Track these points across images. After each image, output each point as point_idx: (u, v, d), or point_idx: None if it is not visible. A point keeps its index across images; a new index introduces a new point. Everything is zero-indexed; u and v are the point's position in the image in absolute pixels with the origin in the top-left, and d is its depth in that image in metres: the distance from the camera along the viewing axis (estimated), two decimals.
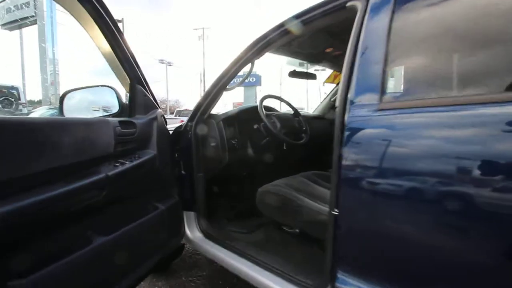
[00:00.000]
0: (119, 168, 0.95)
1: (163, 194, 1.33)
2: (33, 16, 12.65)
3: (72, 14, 1.03)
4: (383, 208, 0.73)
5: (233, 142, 1.56)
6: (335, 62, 1.93)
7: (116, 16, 1.72)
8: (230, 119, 1.60)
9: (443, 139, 0.64)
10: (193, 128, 1.46)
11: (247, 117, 1.69)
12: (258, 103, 1.58)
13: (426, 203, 0.64)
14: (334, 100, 2.41)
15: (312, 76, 1.96)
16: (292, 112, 1.84)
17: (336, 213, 0.81)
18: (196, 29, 24.32)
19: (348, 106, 0.83)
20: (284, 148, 1.69)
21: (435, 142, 0.65)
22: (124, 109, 1.19)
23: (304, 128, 1.75)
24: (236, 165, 1.61)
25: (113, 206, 0.99)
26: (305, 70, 2.03)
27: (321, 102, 2.53)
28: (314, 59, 1.80)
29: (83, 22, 1.05)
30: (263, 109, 1.56)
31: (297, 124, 1.74)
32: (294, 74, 1.87)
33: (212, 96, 1.44)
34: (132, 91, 1.19)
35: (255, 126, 1.60)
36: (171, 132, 1.47)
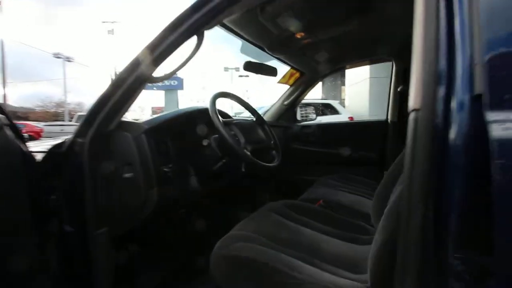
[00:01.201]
0: None
1: None
2: None
3: None
4: None
5: (165, 169, 0.92)
6: (298, 55, 1.51)
7: None
8: (159, 131, 0.96)
9: None
10: (86, 148, 0.78)
11: (187, 127, 1.07)
12: (209, 104, 1.00)
13: None
14: (288, 104, 2.01)
15: (271, 72, 1.49)
16: (253, 118, 1.31)
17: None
18: (105, 22, 21.05)
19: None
20: (243, 170, 1.15)
21: None
22: None
23: (272, 142, 1.25)
24: (171, 207, 0.98)
25: None
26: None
27: (272, 106, 2.10)
28: (276, 47, 1.32)
29: None
30: (218, 115, 0.99)
31: (264, 136, 1.22)
32: (250, 66, 1.36)
33: (123, 92, 0.79)
34: None
35: (205, 142, 1.01)
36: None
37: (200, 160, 1.03)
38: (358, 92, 7.24)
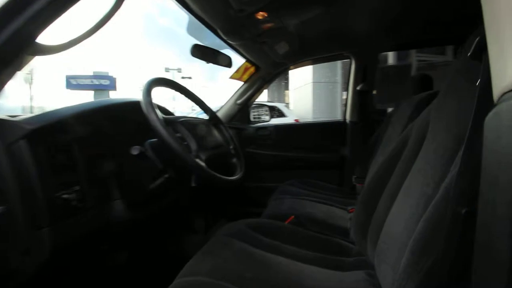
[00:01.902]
0: None
1: None
2: None
3: None
4: None
5: (66, 195, 0.58)
6: (256, 44, 1.29)
7: None
8: (55, 134, 0.60)
9: None
10: None
11: (108, 127, 0.73)
12: (142, 94, 0.68)
13: None
14: (242, 103, 1.78)
15: (225, 61, 1.22)
16: (206, 117, 1.01)
17: None
18: None
19: None
20: (193, 185, 0.86)
21: None
22: None
23: (232, 147, 0.98)
24: (82, 246, 0.64)
25: None
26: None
27: (223, 105, 1.83)
28: (232, 29, 1.07)
29: None
30: (156, 109, 0.68)
31: (221, 140, 0.94)
32: (199, 51, 1.07)
33: None
34: None
35: (135, 150, 0.69)
36: None
37: (129, 176, 0.71)
38: (302, 95, 7.49)
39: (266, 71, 1.69)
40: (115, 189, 0.69)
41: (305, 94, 7.29)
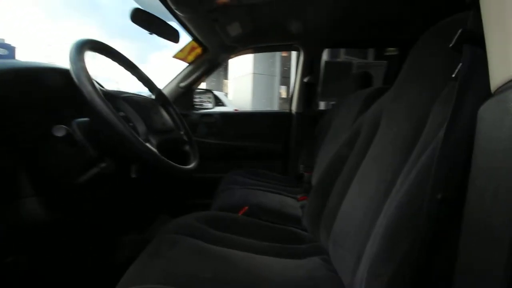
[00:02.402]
0: None
1: None
2: None
3: None
4: None
5: None
6: (207, 21, 1.17)
7: None
8: None
9: None
10: None
11: (16, 98, 0.54)
12: (71, 59, 0.51)
13: None
14: (185, 87, 1.63)
15: (171, 34, 1.06)
16: (152, 95, 0.85)
17: None
18: None
19: None
20: (133, 176, 0.72)
21: None
22: None
23: (184, 133, 0.85)
24: None
25: None
26: None
27: (164, 87, 1.64)
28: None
29: None
30: (92, 79, 0.52)
31: (173, 124, 0.80)
32: (140, 17, 0.89)
33: None
34: None
35: (59, 132, 0.52)
36: None
37: (48, 166, 0.54)
38: (241, 86, 7.48)
39: (214, 54, 1.57)
40: (26, 183, 0.51)
41: (245, 84, 7.29)
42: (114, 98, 0.58)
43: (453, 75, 0.39)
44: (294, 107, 1.72)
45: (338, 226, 0.70)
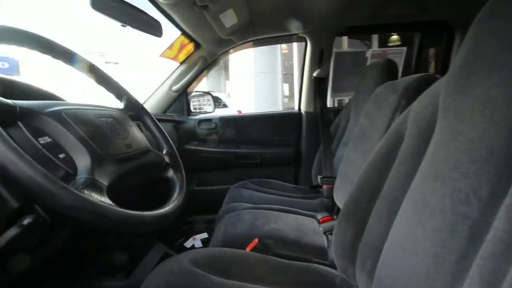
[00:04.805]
0: None
1: None
2: None
3: None
4: None
5: None
6: (199, 11, 0.96)
7: None
8: None
9: None
10: None
11: None
12: None
13: None
14: (179, 90, 1.44)
15: (151, 26, 0.86)
16: (120, 107, 0.63)
17: None
18: None
19: None
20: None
21: None
22: None
23: (164, 153, 0.64)
24: None
25: None
26: None
27: (154, 92, 1.45)
28: None
29: None
30: None
31: (148, 143, 0.59)
32: (103, 3, 0.69)
33: None
34: None
35: None
36: None
37: None
38: (243, 86, 7.29)
39: (208, 50, 1.37)
40: None
41: (246, 84, 7.10)
42: (30, 114, 0.38)
43: None
44: (303, 106, 1.51)
45: (385, 272, 0.49)
